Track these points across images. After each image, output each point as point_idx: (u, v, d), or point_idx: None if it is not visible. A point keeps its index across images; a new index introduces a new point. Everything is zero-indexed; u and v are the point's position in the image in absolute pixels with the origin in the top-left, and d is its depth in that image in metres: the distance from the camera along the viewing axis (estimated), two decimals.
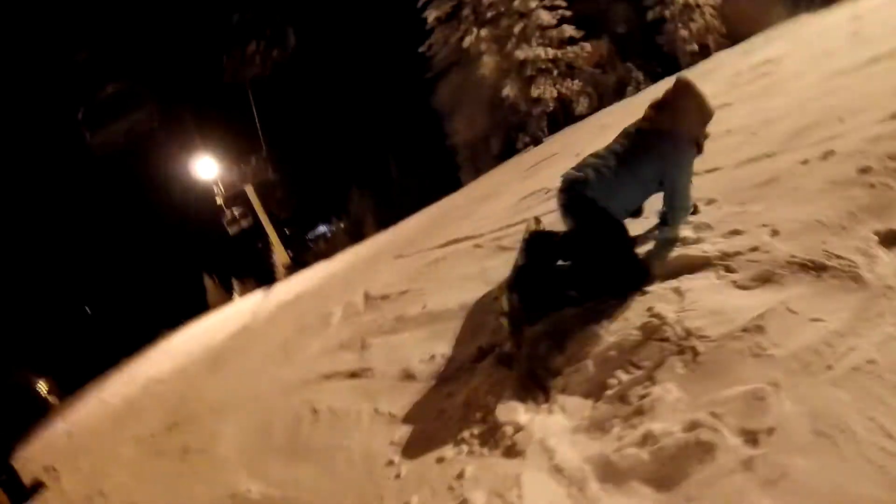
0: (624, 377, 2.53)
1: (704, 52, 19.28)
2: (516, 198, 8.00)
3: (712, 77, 11.18)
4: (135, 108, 21.41)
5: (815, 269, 2.56)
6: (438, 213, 13.48)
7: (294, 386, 5.05)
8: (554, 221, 4.18)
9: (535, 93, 20.82)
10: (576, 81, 21.14)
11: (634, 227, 3.61)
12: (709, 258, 3.02)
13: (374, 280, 7.28)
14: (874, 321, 2.15)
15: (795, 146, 4.28)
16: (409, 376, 3.83)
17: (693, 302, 2.70)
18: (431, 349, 3.93)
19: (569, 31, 20.61)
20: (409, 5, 22.38)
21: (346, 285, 8.50)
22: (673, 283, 2.95)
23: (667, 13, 20.08)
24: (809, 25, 12.66)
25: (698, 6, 19.75)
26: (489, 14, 20.84)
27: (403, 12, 22.58)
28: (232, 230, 21.60)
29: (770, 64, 8.99)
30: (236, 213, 21.58)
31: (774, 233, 2.99)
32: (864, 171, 3.22)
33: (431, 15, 21.97)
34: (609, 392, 2.51)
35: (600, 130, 13.06)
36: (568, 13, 20.84)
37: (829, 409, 1.89)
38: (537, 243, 3.58)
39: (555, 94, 20.95)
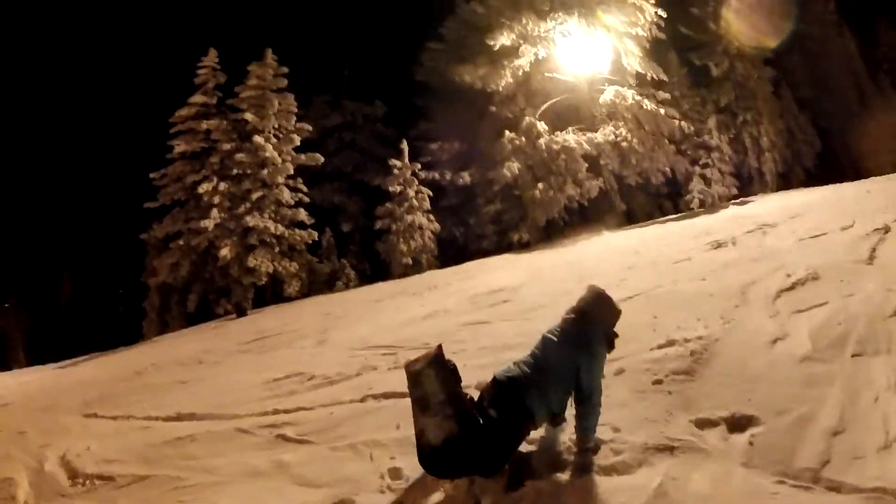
0: None
1: (417, 268, 21.29)
2: (263, 376, 7.18)
3: (445, 292, 12.28)
4: None
5: (667, 449, 3.42)
6: (130, 367, 11.38)
7: None
8: None
9: (251, 262, 20.19)
10: (293, 263, 21.22)
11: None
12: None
13: (70, 443, 5.54)
14: (731, 469, 3.19)
15: None
16: None
17: (600, 486, 3.18)
18: None
19: (302, 215, 21.07)
20: (159, 128, 21.02)
21: (16, 438, 6.30)
22: (565, 473, 3.37)
23: (393, 226, 21.97)
24: (527, 263, 15.04)
25: (420, 228, 22.10)
26: (235, 171, 20.43)
27: (145, 131, 21.10)
28: None
29: (507, 292, 10.19)
30: None
31: (616, 430, 3.69)
32: (658, 382, 4.33)
33: (178, 147, 20.68)
34: None
35: (318, 318, 13.15)
36: (306, 199, 21.47)
37: None
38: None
39: (270, 269, 20.60)
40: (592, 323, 3.62)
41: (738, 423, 3.64)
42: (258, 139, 20.52)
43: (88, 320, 25.89)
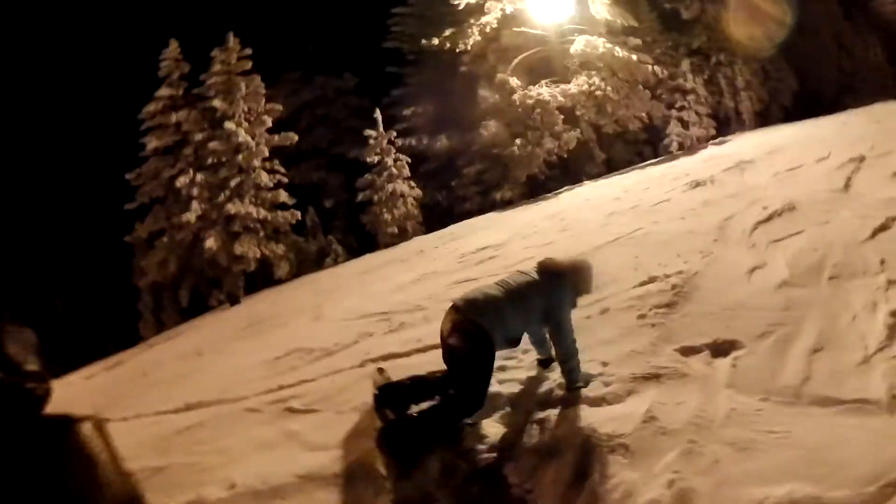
0: (583, 483, 2.85)
1: (403, 236, 21.33)
2: (263, 357, 7.28)
3: (433, 256, 12.41)
4: None
5: (653, 377, 3.56)
6: (133, 369, 11.48)
7: None
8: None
9: (238, 250, 20.11)
10: (280, 246, 21.18)
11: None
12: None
13: None
14: (716, 392, 3.31)
15: None
16: None
17: (591, 417, 3.29)
18: None
19: (283, 196, 20.92)
20: (130, 126, 20.76)
21: None
22: (564, 410, 3.47)
23: (375, 197, 21.91)
24: (511, 220, 15.19)
25: (402, 196, 22.04)
26: (210, 160, 20.16)
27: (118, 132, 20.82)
28: None
29: (492, 249, 10.34)
30: None
31: (604, 364, 3.85)
32: (642, 316, 4.50)
33: (151, 143, 20.42)
34: (581, 499, 2.79)
35: (311, 296, 13.26)
36: (285, 179, 21.31)
37: (731, 437, 2.91)
38: (392, 396, 3.69)
39: (258, 254, 20.55)
40: (567, 283, 3.79)
41: (720, 349, 3.80)
42: (229, 125, 20.22)
43: (84, 331, 25.77)
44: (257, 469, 3.80)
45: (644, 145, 24.07)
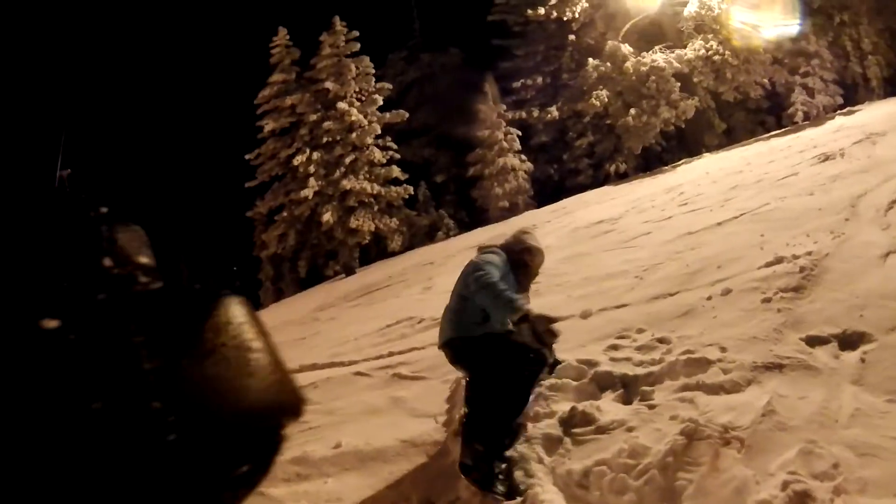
0: (692, 476, 2.63)
1: (514, 210, 21.19)
2: (375, 325, 7.54)
3: (545, 230, 12.21)
4: None
5: (776, 367, 3.28)
6: None
7: None
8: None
9: (353, 223, 20.92)
10: (393, 220, 21.72)
11: None
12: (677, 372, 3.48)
13: None
14: (841, 387, 3.01)
15: (691, 287, 4.94)
16: None
17: (707, 405, 3.06)
18: None
19: (395, 171, 21.43)
20: (247, 111, 22.04)
21: None
22: (678, 394, 3.26)
23: (485, 172, 21.91)
24: (626, 193, 14.70)
25: (513, 169, 21.92)
26: (325, 139, 21.05)
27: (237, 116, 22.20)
28: None
29: (608, 223, 10.06)
30: None
31: (723, 349, 3.59)
32: (767, 300, 4.18)
33: (267, 126, 21.62)
34: (689, 492, 2.57)
35: (422, 268, 13.53)
36: (397, 156, 21.79)
37: (853, 440, 2.62)
38: None
39: (372, 227, 21.24)
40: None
41: (849, 341, 3.44)
42: (342, 105, 20.93)
43: None
44: (362, 431, 3.94)
45: (766, 115, 22.30)
